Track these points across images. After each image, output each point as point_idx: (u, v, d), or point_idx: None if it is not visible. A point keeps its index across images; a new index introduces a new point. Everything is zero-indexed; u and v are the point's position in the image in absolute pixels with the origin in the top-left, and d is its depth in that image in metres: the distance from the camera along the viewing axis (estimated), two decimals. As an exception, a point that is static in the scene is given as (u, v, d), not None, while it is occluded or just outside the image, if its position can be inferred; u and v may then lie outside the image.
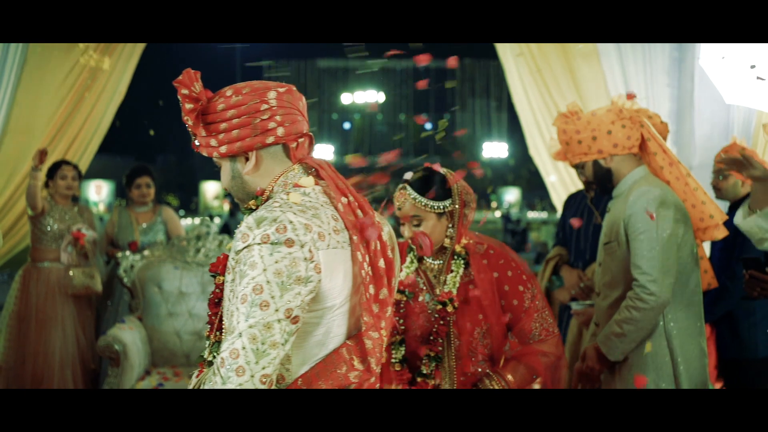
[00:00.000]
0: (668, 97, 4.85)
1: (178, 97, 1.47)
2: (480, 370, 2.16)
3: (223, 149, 1.48)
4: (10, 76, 4.72)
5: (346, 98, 47.17)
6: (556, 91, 5.14)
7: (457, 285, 2.16)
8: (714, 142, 4.35)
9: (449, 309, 2.14)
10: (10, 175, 4.91)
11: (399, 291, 2.21)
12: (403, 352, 2.20)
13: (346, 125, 52.09)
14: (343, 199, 1.47)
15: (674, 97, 4.86)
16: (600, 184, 2.65)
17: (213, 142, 1.48)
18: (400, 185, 2.21)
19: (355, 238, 1.43)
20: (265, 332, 1.29)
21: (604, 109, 2.60)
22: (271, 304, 1.30)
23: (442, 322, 2.15)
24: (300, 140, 1.52)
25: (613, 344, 2.43)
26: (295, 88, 1.54)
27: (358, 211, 1.48)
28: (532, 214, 27.74)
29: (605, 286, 2.59)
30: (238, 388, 1.28)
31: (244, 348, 1.28)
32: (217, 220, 15.09)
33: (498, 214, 29.74)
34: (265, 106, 1.46)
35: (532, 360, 2.13)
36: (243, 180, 1.52)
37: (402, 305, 2.23)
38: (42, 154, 4.00)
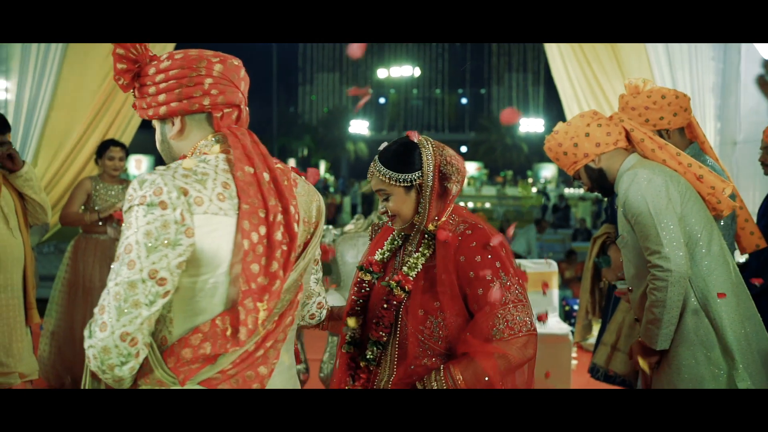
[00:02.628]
0: (713, 70, 4.75)
1: (112, 56, 1.50)
2: (429, 364, 1.90)
3: (150, 112, 1.51)
4: (56, 53, 4.83)
5: (381, 73, 47.01)
6: (596, 64, 5.07)
7: (418, 268, 1.94)
8: (761, 116, 4.26)
9: (396, 293, 1.92)
10: (57, 149, 5.05)
11: (365, 270, 2.05)
12: (350, 334, 2.02)
13: (382, 100, 51.97)
14: (247, 168, 1.45)
15: (719, 71, 4.76)
16: (599, 187, 2.66)
17: (143, 104, 1.52)
18: (375, 158, 2.01)
19: (245, 206, 1.41)
20: (129, 291, 1.32)
21: (577, 116, 2.65)
22: (137, 263, 1.32)
23: (385, 306, 1.93)
24: (226, 110, 1.52)
25: (652, 332, 2.42)
26: (233, 60, 1.53)
27: (267, 184, 1.45)
28: (568, 191, 27.48)
29: (633, 279, 2.59)
30: (101, 343, 1.31)
31: (109, 305, 1.32)
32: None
33: (534, 190, 29.55)
34: (193, 74, 1.48)
35: (484, 360, 1.80)
36: (169, 144, 1.55)
37: (365, 285, 2.03)
38: None
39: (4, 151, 3.10)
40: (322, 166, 42.14)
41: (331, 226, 4.80)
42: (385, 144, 1.99)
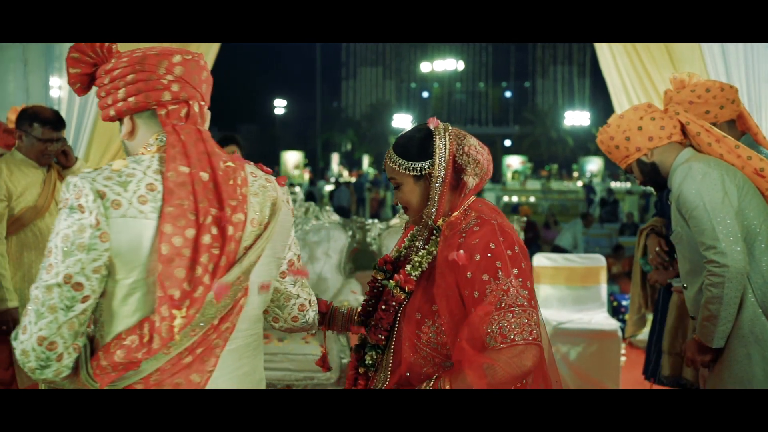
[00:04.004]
0: (769, 59, 4.60)
1: (65, 61, 1.49)
2: (430, 372, 1.73)
3: (103, 113, 1.50)
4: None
5: (425, 67, 46.82)
6: (646, 55, 4.94)
7: (422, 267, 1.77)
8: (820, 106, 4.11)
9: (395, 293, 1.78)
10: (107, 145, 5.16)
11: (378, 268, 1.90)
12: (361, 336, 1.90)
13: (425, 94, 51.80)
14: (182, 168, 1.38)
15: (775, 60, 4.60)
16: (651, 181, 2.61)
17: (97, 106, 1.53)
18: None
19: (169, 209, 1.34)
20: (46, 295, 1.31)
21: (630, 109, 2.61)
22: (53, 267, 1.31)
23: (384, 307, 1.79)
24: (171, 107, 1.46)
25: (707, 330, 2.37)
26: (184, 56, 1.48)
27: (203, 184, 1.39)
28: (614, 184, 27.03)
29: (687, 276, 2.54)
30: (21, 346, 1.32)
31: (29, 308, 1.33)
32: (297, 189, 15.39)
33: (580, 183, 29.14)
34: (135, 72, 1.44)
35: (471, 371, 1.59)
36: (125, 144, 1.54)
37: (378, 284, 1.88)
38: None
39: (59, 148, 3.18)
40: (366, 160, 42.25)
41: (376, 220, 4.80)
42: (404, 131, 1.89)
